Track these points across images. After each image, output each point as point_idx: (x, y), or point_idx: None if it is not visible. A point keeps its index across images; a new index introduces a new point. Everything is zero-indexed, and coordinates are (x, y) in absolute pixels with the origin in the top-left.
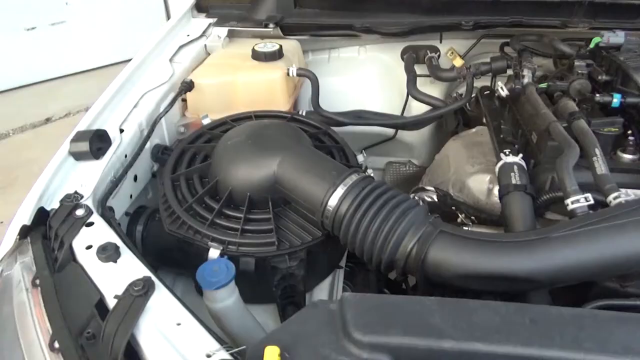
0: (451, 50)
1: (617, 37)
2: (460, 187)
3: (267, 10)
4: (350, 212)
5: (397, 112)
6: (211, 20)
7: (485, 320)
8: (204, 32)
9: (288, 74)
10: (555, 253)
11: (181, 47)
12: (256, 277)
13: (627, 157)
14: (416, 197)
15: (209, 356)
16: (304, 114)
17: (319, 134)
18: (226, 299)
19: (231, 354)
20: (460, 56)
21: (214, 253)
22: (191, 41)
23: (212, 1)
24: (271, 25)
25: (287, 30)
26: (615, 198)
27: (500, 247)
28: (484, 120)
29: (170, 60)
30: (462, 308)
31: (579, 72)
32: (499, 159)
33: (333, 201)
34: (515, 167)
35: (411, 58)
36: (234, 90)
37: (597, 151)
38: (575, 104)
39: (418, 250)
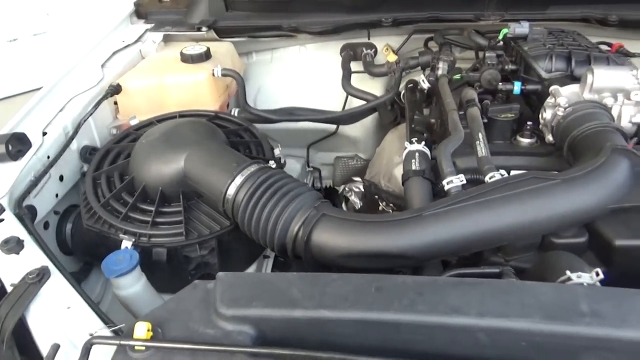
0: (386, 47)
1: (522, 28)
2: (389, 177)
3: (201, 14)
4: (245, 199)
5: (339, 108)
6: (148, 26)
7: (337, 291)
8: (140, 37)
9: (213, 75)
10: (426, 230)
11: (115, 52)
12: (170, 266)
13: (525, 141)
14: (346, 188)
15: (91, 335)
16: (236, 112)
17: (240, 130)
18: (131, 286)
19: (112, 331)
20: (394, 52)
21: (126, 245)
22: (126, 46)
23: (151, 8)
24: (204, 29)
25: (223, 33)
26: (490, 178)
27: (376, 227)
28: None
29: (103, 65)
30: (320, 280)
31: (489, 62)
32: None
33: (232, 190)
34: (417, 154)
35: (348, 55)
36: (163, 92)
37: (480, 136)
38: (491, 92)
39: (303, 233)
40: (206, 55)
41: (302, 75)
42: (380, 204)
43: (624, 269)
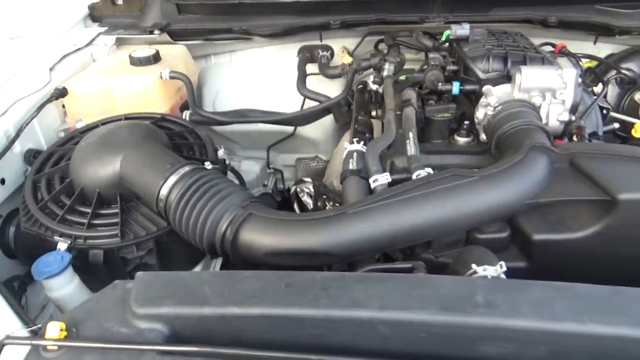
0: (342, 49)
1: (463, 30)
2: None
3: (154, 18)
4: (177, 199)
5: (298, 109)
6: (101, 30)
7: (247, 287)
8: (92, 40)
9: (161, 77)
10: (349, 228)
11: (65, 56)
12: (108, 268)
13: (462, 140)
14: (298, 189)
15: (6, 335)
16: (187, 115)
17: (185, 132)
18: (63, 287)
19: (30, 332)
20: (349, 54)
21: (62, 247)
22: (77, 50)
23: (105, 11)
24: (156, 32)
25: (176, 36)
26: (417, 176)
27: (300, 225)
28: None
29: (51, 68)
30: (232, 278)
31: (432, 63)
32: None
33: (164, 190)
34: (355, 154)
35: (304, 57)
36: (111, 95)
37: (411, 135)
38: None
39: (230, 232)
40: (155, 58)
41: (261, 77)
42: (328, 204)
43: (544, 263)
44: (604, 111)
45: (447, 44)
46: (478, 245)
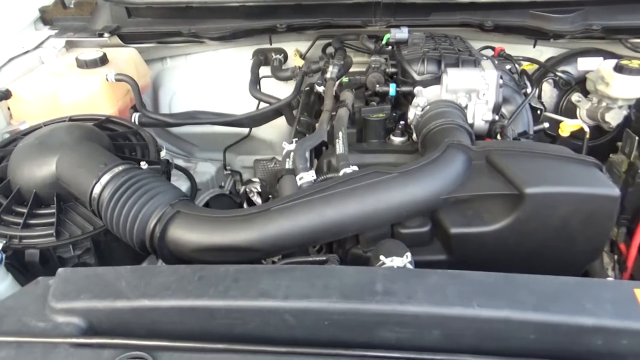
0: (295, 52)
1: (402, 33)
2: None
3: (104, 21)
4: (108, 197)
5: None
6: (52, 33)
7: (162, 281)
8: (41, 43)
9: (107, 80)
10: (272, 224)
11: (12, 58)
12: (46, 268)
13: (397, 139)
14: (247, 189)
15: None
16: (136, 117)
17: (128, 134)
18: None
19: None
20: (301, 57)
21: None
22: (25, 52)
23: (56, 14)
24: (106, 35)
25: (127, 39)
26: (343, 173)
27: (226, 222)
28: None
29: None
30: (148, 272)
31: (373, 66)
32: None
33: (97, 189)
34: (292, 154)
35: (258, 60)
36: (57, 97)
37: (340, 134)
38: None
39: (158, 229)
40: (102, 61)
41: (216, 79)
42: None
43: (463, 255)
44: (538, 111)
45: (389, 47)
46: (392, 239)
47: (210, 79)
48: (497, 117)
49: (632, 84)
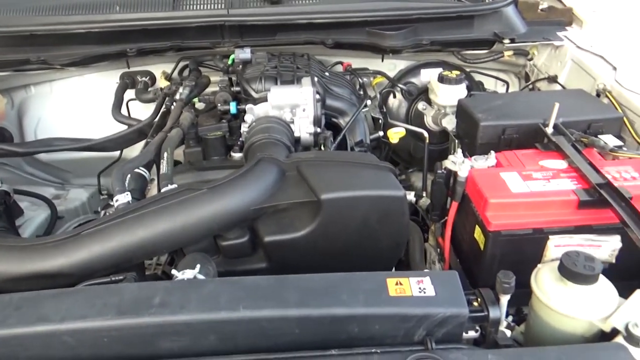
0: (162, 74)
1: (244, 54)
2: None
3: None
4: None
5: None
6: None
7: None
8: None
9: None
10: (83, 248)
11: None
12: None
13: (237, 155)
14: (106, 212)
15: None
16: None
17: None
18: None
19: None
20: (166, 79)
21: None
22: None
23: None
24: None
25: None
26: None
27: (35, 250)
28: None
29: None
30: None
31: (221, 85)
32: None
33: None
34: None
35: (123, 84)
36: None
37: (166, 155)
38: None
39: None
40: None
41: (83, 104)
42: None
43: (281, 261)
44: (380, 121)
45: (240, 67)
46: (196, 253)
47: (77, 105)
48: (319, 130)
49: (452, 92)
